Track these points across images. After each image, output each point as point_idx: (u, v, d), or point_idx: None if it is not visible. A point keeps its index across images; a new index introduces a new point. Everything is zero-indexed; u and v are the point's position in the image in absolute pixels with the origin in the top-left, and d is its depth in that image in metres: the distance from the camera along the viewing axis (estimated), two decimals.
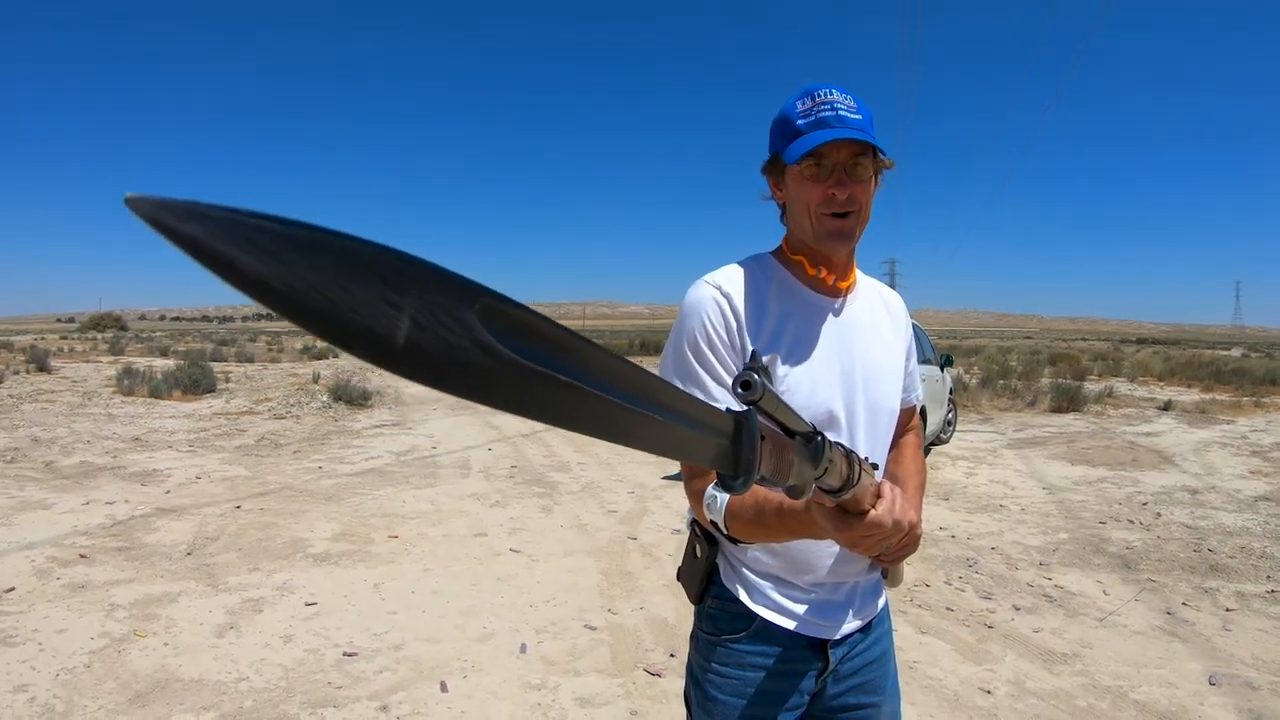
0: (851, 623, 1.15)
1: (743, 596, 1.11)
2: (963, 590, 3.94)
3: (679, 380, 1.07)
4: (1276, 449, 8.33)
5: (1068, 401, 11.90)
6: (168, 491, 5.67)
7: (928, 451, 7.95)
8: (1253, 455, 7.97)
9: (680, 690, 1.29)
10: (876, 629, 1.20)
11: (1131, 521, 5.30)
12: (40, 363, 15.66)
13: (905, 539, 0.97)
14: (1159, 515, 5.46)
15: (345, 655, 3.01)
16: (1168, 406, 12.13)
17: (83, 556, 4.08)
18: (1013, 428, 10.18)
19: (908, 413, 1.27)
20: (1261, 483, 6.60)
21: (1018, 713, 2.68)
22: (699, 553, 1.16)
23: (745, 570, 1.12)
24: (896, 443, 1.26)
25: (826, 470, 0.65)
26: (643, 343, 31.18)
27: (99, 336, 43.15)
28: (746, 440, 0.47)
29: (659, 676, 2.90)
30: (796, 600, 1.11)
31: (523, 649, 3.11)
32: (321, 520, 4.95)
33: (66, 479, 5.99)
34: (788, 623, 1.10)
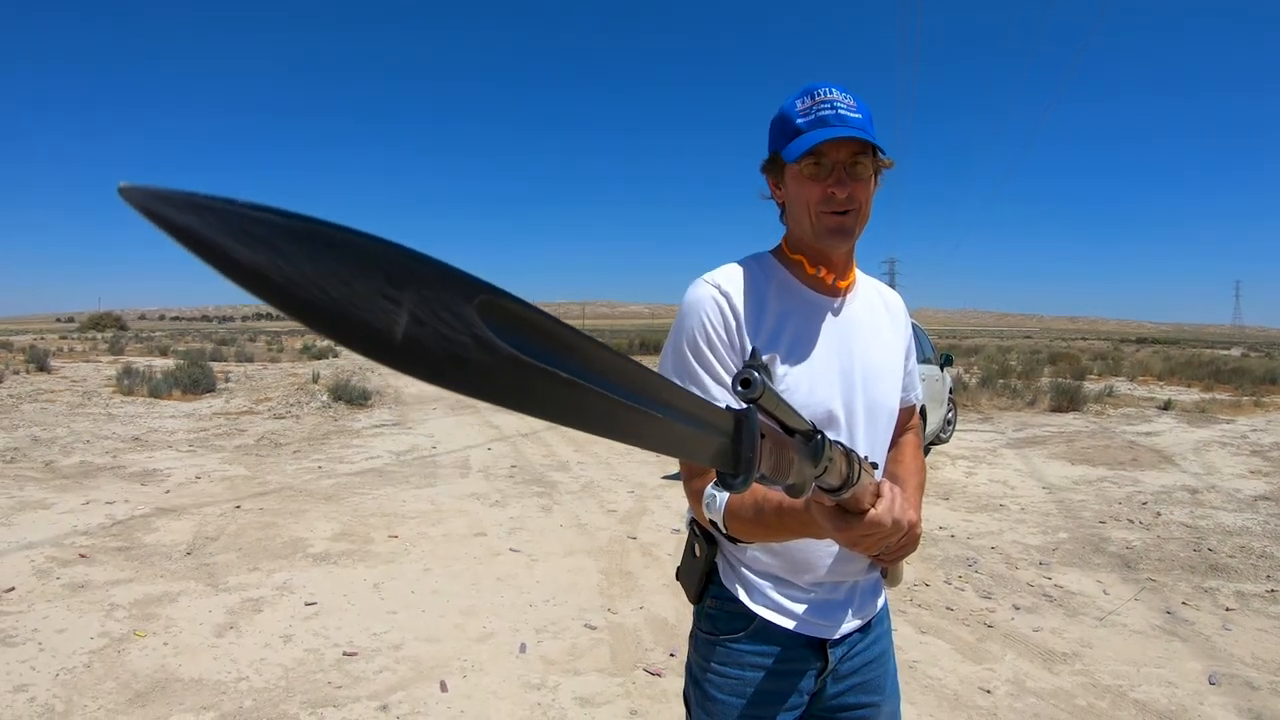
0: (851, 622, 1.15)
1: (742, 596, 1.11)
2: (962, 590, 3.94)
3: (678, 380, 1.07)
4: (1276, 448, 8.33)
5: (1067, 401, 11.90)
6: (167, 491, 5.67)
7: (927, 451, 7.95)
8: (1252, 455, 7.97)
9: (680, 690, 1.29)
10: (876, 628, 1.20)
11: (1131, 521, 5.30)
12: (40, 362, 15.65)
13: (905, 538, 0.97)
14: (1159, 515, 5.46)
15: (345, 655, 3.01)
16: (1167, 406, 12.13)
17: (83, 556, 4.08)
18: (1012, 427, 10.18)
19: (907, 412, 1.27)
20: (1261, 482, 6.60)
21: (1017, 712, 2.68)
22: (698, 552, 1.15)
23: (744, 570, 1.12)
24: (896, 442, 1.26)
25: (826, 469, 0.64)
26: (642, 342, 31.16)
27: (99, 336, 43.14)
28: (746, 438, 0.47)
29: (659, 676, 2.90)
30: (796, 600, 1.11)
31: (522, 648, 3.11)
32: (321, 520, 4.95)
33: (66, 479, 5.99)
34: (787, 622, 1.10)
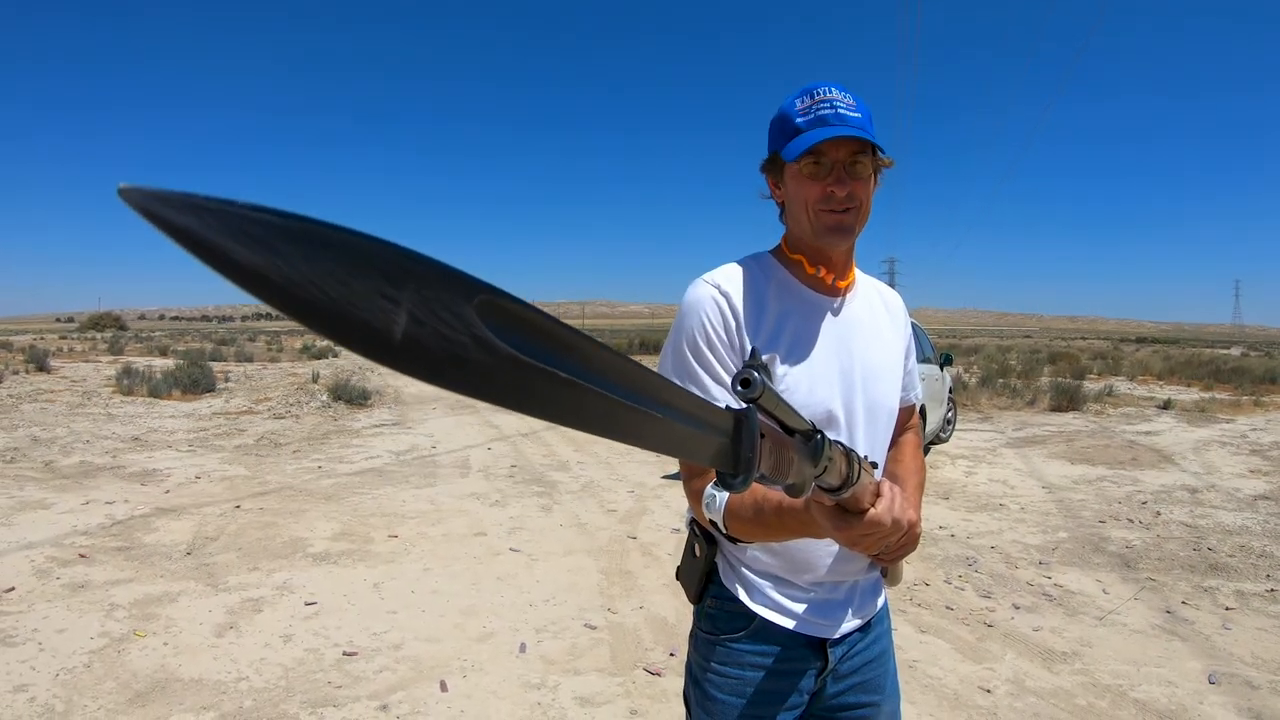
0: (851, 622, 1.15)
1: (742, 596, 1.11)
2: (962, 589, 3.94)
3: (678, 380, 1.07)
4: (1276, 448, 8.34)
5: (1067, 400, 11.91)
6: (167, 491, 5.67)
7: (927, 450, 7.95)
8: (1252, 454, 7.97)
9: (680, 689, 1.29)
10: (876, 628, 1.20)
11: (1131, 520, 5.30)
12: (40, 362, 15.65)
13: (904, 538, 0.97)
14: (1158, 514, 5.47)
15: (345, 655, 3.01)
16: (1167, 405, 12.13)
17: (82, 556, 4.08)
18: (1012, 427, 10.18)
19: (907, 411, 1.27)
20: (1261, 481, 6.61)
21: (1017, 711, 2.68)
22: (698, 552, 1.15)
23: (744, 569, 1.12)
24: (896, 441, 1.26)
25: (826, 468, 0.64)
26: (642, 342, 31.16)
27: (98, 336, 43.14)
28: (746, 438, 0.47)
29: (659, 676, 2.90)
30: (796, 599, 1.11)
31: (522, 648, 3.11)
32: (321, 520, 4.95)
33: (66, 479, 5.99)
34: (787, 622, 1.10)
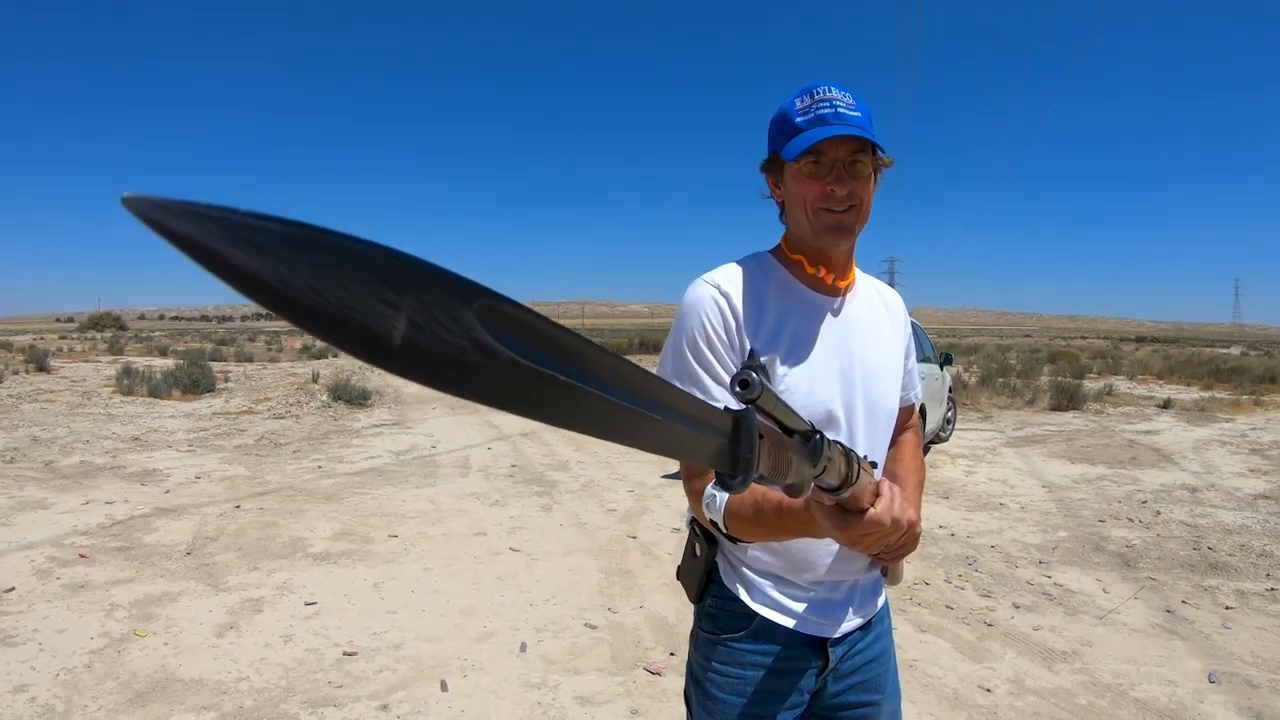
0: (851, 621, 1.15)
1: (743, 595, 1.11)
2: (962, 588, 3.95)
3: (678, 380, 1.07)
4: (1276, 447, 8.34)
5: (1067, 400, 11.91)
6: (167, 491, 5.67)
7: (927, 450, 7.95)
8: (1252, 453, 7.97)
9: (680, 689, 1.29)
10: (876, 627, 1.20)
11: (1131, 520, 5.30)
12: (39, 362, 15.66)
13: (904, 537, 0.97)
14: (1158, 513, 5.47)
15: (345, 655, 3.01)
16: (1167, 405, 12.13)
17: (82, 556, 4.08)
18: (1012, 426, 10.18)
19: (906, 411, 1.27)
20: (1261, 481, 6.61)
21: (1018, 710, 2.68)
22: (699, 551, 1.16)
23: (745, 569, 1.12)
24: (895, 441, 1.26)
25: (825, 468, 0.64)
26: (642, 341, 31.16)
27: (98, 336, 43.14)
28: (745, 439, 0.47)
29: (659, 675, 2.90)
30: (796, 599, 1.11)
31: (523, 648, 3.12)
32: (321, 520, 4.95)
33: (66, 479, 5.99)
34: (788, 621, 1.10)
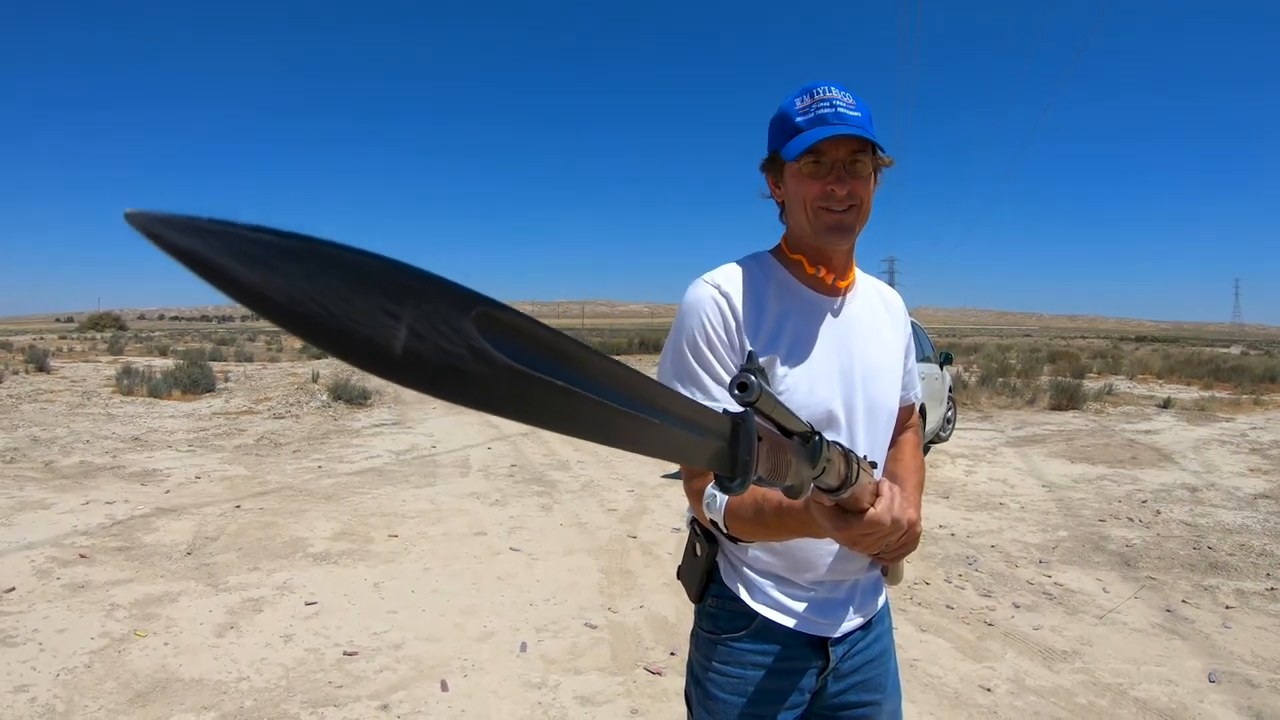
0: (852, 620, 1.15)
1: (743, 595, 1.11)
2: (962, 588, 3.95)
3: (678, 380, 1.07)
4: (1276, 446, 8.34)
5: (1067, 399, 11.91)
6: (167, 491, 5.67)
7: (927, 449, 7.95)
8: (1252, 453, 7.97)
9: (681, 689, 1.29)
10: (877, 627, 1.20)
11: (1131, 519, 5.31)
12: (39, 363, 15.66)
13: (904, 537, 0.98)
14: (1158, 513, 5.47)
15: (345, 654, 3.01)
16: (1167, 404, 12.13)
17: (83, 556, 4.08)
18: (1012, 425, 10.19)
19: (906, 411, 1.27)
20: (1261, 480, 6.61)
21: (1018, 710, 2.69)
22: (699, 551, 1.16)
23: (745, 569, 1.12)
24: (895, 441, 1.26)
25: (824, 470, 0.65)
26: (642, 341, 31.15)
27: (98, 336, 43.14)
28: (743, 442, 0.47)
29: (659, 675, 2.90)
30: (797, 598, 1.12)
31: (523, 648, 3.12)
32: (321, 520, 4.95)
33: (66, 479, 5.99)
34: (788, 621, 1.11)
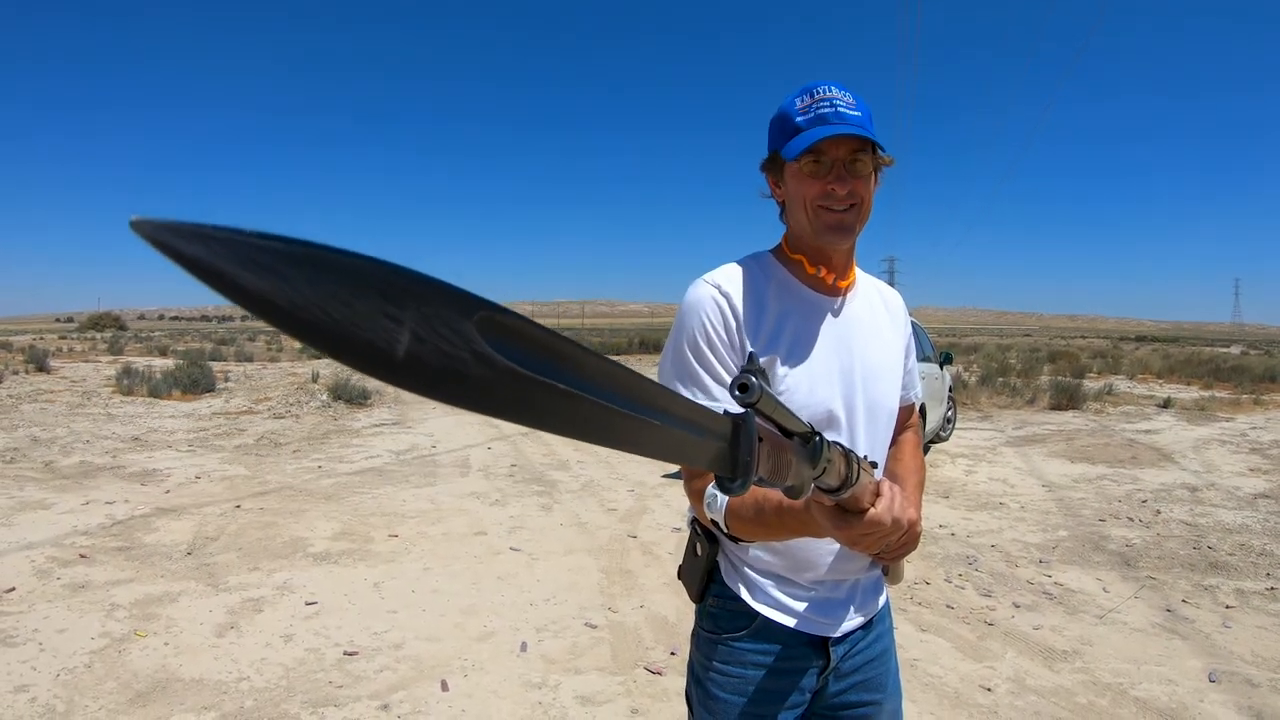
0: (853, 620, 1.15)
1: (744, 594, 1.12)
2: (963, 588, 3.95)
3: (679, 380, 1.07)
4: (1276, 446, 8.34)
5: (1067, 399, 11.91)
6: (167, 491, 5.67)
7: (927, 449, 7.95)
8: (1252, 453, 7.97)
9: (681, 688, 1.30)
10: (878, 626, 1.20)
11: (1131, 519, 5.31)
12: (39, 363, 15.66)
13: (905, 537, 0.98)
14: (1158, 513, 5.47)
15: (346, 654, 3.01)
16: (1167, 404, 12.13)
17: (83, 556, 4.09)
18: (1012, 425, 10.19)
19: (907, 410, 1.27)
20: (1261, 480, 6.61)
21: (1018, 710, 2.69)
22: (700, 551, 1.16)
23: (746, 568, 1.12)
24: (895, 440, 1.26)
25: (825, 470, 0.65)
26: (642, 341, 31.14)
27: (98, 336, 43.15)
28: (744, 443, 0.47)
29: (660, 675, 2.90)
30: (797, 598, 1.12)
31: (523, 647, 3.12)
32: (321, 519, 4.96)
33: (66, 479, 5.99)
34: (789, 620, 1.11)
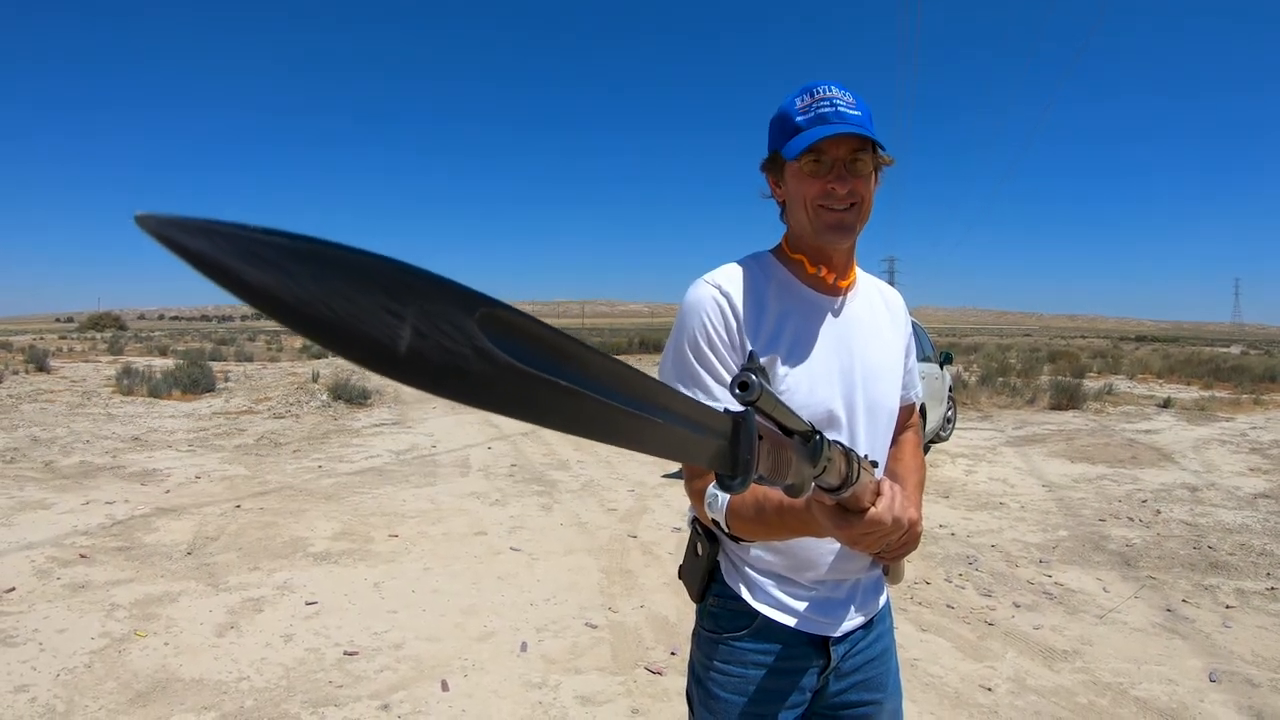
0: (853, 620, 1.15)
1: (744, 594, 1.12)
2: (963, 588, 3.95)
3: (679, 381, 1.07)
4: (1276, 446, 8.34)
5: (1067, 399, 11.91)
6: (167, 491, 5.67)
7: (927, 449, 7.95)
8: (1252, 452, 7.97)
9: (682, 688, 1.30)
10: (878, 626, 1.20)
11: (1131, 519, 5.31)
12: (39, 362, 15.65)
13: (905, 536, 0.98)
14: (1158, 512, 5.47)
15: (346, 654, 3.01)
16: (1167, 404, 12.13)
17: (83, 556, 4.08)
18: (1012, 425, 10.19)
19: (907, 410, 1.27)
20: (1261, 480, 6.61)
21: (1018, 710, 2.69)
22: (700, 551, 1.16)
23: (747, 568, 1.12)
24: (896, 440, 1.26)
25: (825, 468, 0.65)
26: (642, 340, 31.13)
27: (98, 336, 43.15)
28: (744, 440, 0.47)
29: (660, 675, 2.90)
30: (798, 598, 1.12)
31: (523, 647, 3.12)
32: (321, 519, 4.96)
33: (66, 479, 5.99)
34: (789, 620, 1.11)
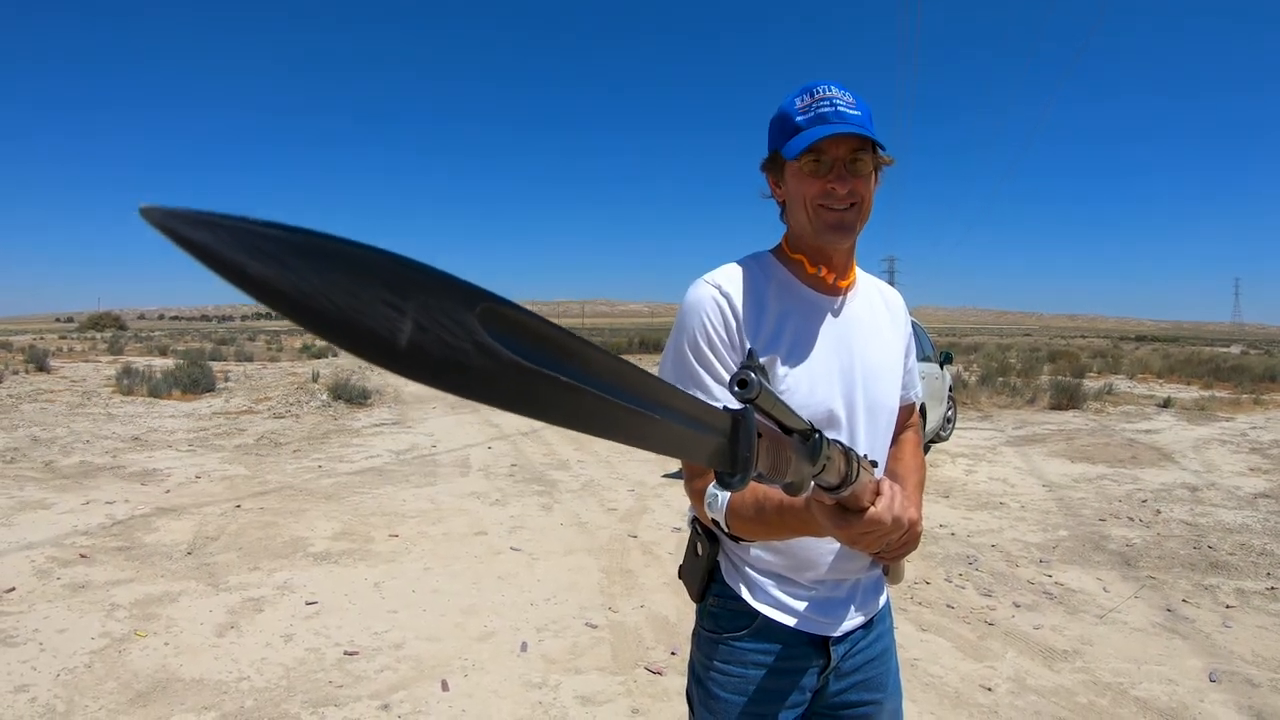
0: (853, 619, 1.15)
1: (745, 594, 1.12)
2: (963, 588, 3.95)
3: (679, 380, 1.07)
4: (1276, 446, 8.34)
5: (1067, 399, 11.91)
6: (168, 491, 5.67)
7: (927, 449, 7.95)
8: (1252, 452, 7.97)
9: (682, 688, 1.30)
10: (878, 626, 1.20)
11: (1131, 519, 5.31)
12: (39, 362, 15.66)
13: (905, 536, 0.98)
14: (1159, 512, 5.47)
15: (346, 654, 3.01)
16: (1167, 404, 12.14)
17: (83, 556, 4.09)
18: (1012, 425, 10.19)
19: (907, 410, 1.27)
20: (1261, 480, 6.61)
21: (1018, 710, 2.69)
22: (700, 550, 1.16)
23: (747, 568, 1.12)
24: (896, 440, 1.26)
25: (824, 467, 0.65)
26: (642, 340, 31.13)
27: (98, 336, 43.15)
28: (743, 438, 0.47)
29: (660, 674, 2.90)
30: (798, 598, 1.12)
31: (523, 647, 3.12)
32: (322, 519, 4.96)
33: (66, 479, 5.99)
34: (789, 620, 1.11)
